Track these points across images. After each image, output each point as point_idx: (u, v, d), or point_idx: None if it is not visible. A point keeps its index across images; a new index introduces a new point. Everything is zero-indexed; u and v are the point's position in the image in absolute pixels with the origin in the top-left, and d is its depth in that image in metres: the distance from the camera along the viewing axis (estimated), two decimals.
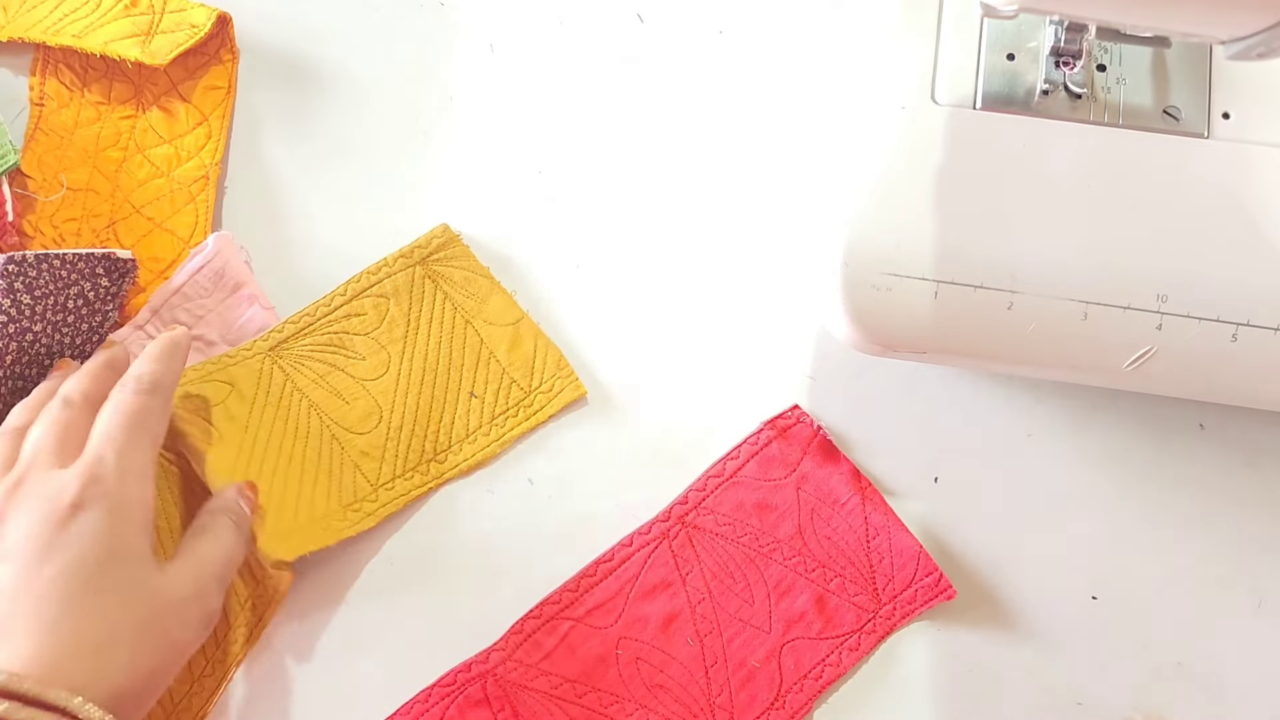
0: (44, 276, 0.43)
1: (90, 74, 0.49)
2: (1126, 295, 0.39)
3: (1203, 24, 0.33)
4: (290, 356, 0.44)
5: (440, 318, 0.45)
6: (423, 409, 0.44)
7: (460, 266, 0.46)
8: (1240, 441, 0.44)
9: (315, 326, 0.44)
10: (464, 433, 0.44)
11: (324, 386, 0.44)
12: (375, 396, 0.44)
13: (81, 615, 0.33)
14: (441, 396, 0.44)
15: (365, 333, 0.44)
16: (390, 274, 0.45)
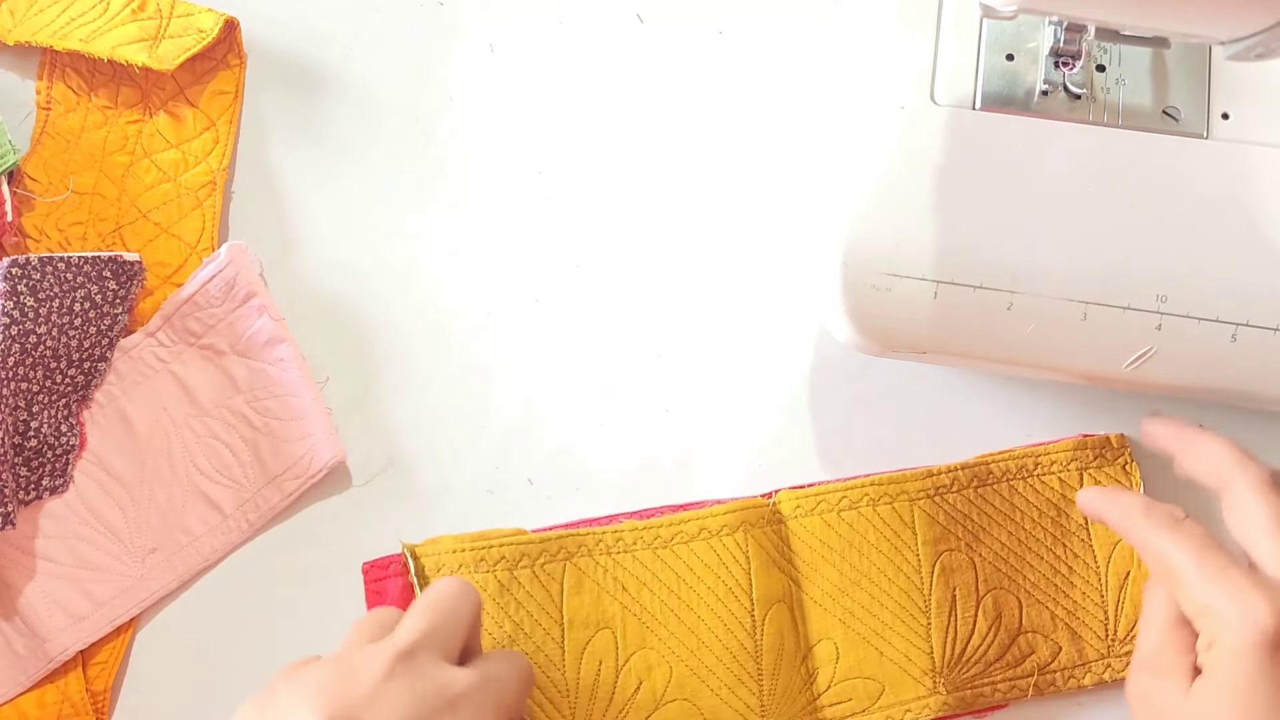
0: (49, 279, 0.43)
1: (97, 78, 0.49)
2: (1126, 295, 0.39)
3: (1202, 25, 0.33)
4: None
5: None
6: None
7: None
8: (1240, 442, 0.43)
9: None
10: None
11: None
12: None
13: None
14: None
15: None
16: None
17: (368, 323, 0.47)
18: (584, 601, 0.40)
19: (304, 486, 0.44)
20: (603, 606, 0.41)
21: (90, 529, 0.44)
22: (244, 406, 0.45)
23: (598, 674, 0.40)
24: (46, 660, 0.43)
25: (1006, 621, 0.41)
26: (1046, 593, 0.41)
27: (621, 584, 0.41)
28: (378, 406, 0.46)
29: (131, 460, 0.45)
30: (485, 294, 0.47)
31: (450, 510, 0.44)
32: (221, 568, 0.44)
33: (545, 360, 0.46)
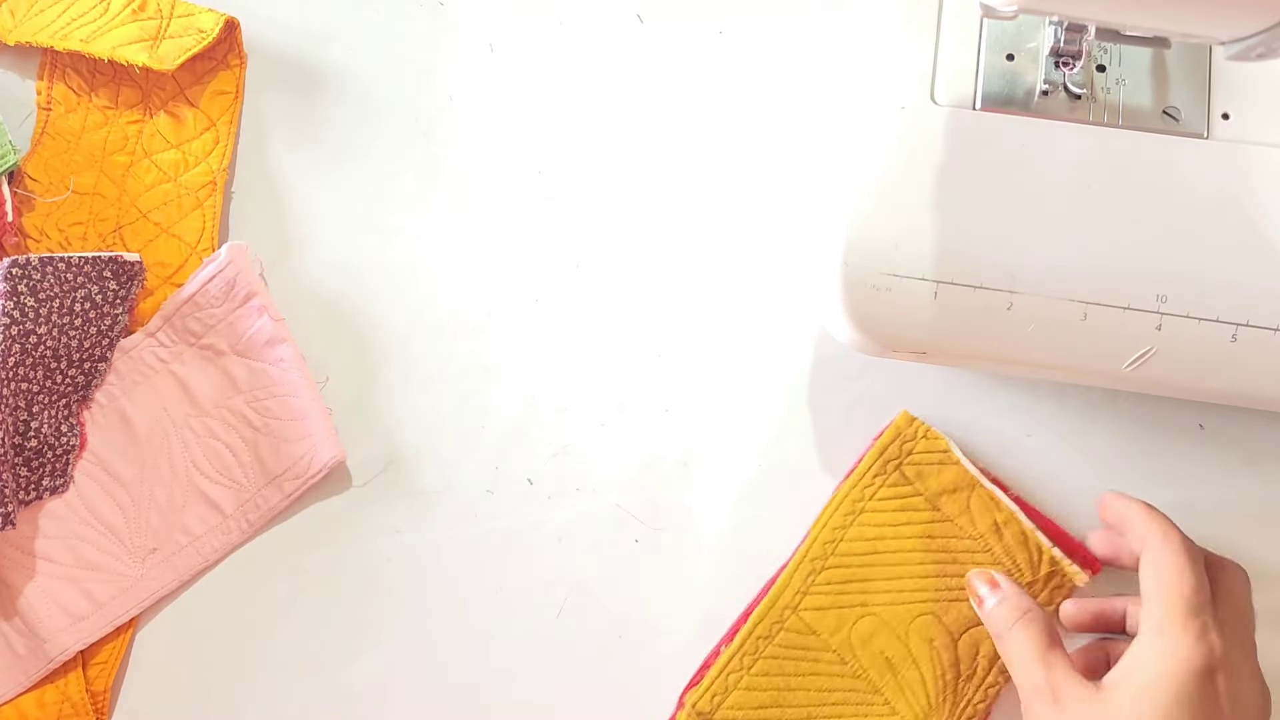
0: (49, 279, 0.43)
1: (98, 78, 0.49)
2: (1126, 295, 0.39)
3: (1202, 25, 0.33)
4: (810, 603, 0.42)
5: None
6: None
7: (930, 460, 0.43)
8: (1240, 442, 0.44)
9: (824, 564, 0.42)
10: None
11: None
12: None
13: None
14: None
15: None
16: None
17: (368, 323, 0.47)
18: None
19: (304, 486, 0.44)
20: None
21: (90, 529, 0.44)
22: (244, 406, 0.45)
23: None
24: (46, 660, 0.43)
25: (943, 641, 0.41)
26: (955, 588, 0.42)
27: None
28: (378, 406, 0.46)
29: (131, 460, 0.45)
30: (485, 294, 0.47)
31: (450, 510, 0.44)
32: (221, 568, 0.44)
33: (545, 360, 0.46)
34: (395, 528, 0.44)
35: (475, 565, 0.44)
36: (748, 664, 0.41)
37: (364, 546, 0.44)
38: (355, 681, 0.43)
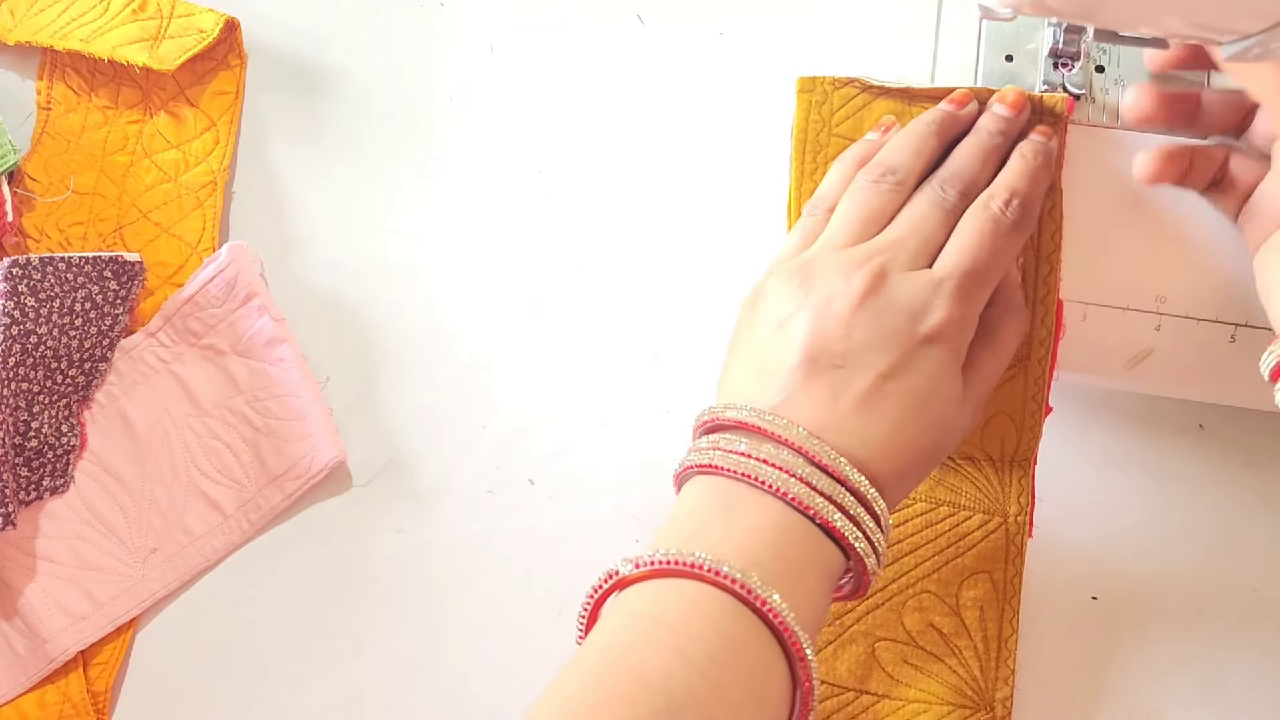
0: (49, 279, 0.43)
1: (98, 78, 0.49)
2: (1125, 296, 0.39)
3: (1200, 27, 0.33)
4: None
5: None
6: None
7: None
8: (1240, 442, 0.44)
9: None
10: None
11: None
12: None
13: (896, 436, 0.33)
14: None
15: None
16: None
17: (368, 323, 0.47)
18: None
19: (305, 486, 0.44)
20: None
21: (91, 529, 0.44)
22: (244, 407, 0.45)
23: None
24: (47, 660, 0.43)
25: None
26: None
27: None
28: (378, 406, 0.46)
29: (132, 460, 0.45)
30: (485, 294, 0.47)
31: (450, 510, 0.44)
32: (222, 568, 0.44)
33: (545, 360, 0.46)
34: (395, 528, 0.44)
35: (475, 565, 0.44)
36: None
37: (364, 546, 0.44)
38: (355, 681, 0.43)
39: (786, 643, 0.29)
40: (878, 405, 0.32)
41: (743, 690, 0.28)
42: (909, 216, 0.35)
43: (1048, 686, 0.42)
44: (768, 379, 0.33)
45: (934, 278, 0.34)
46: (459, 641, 0.43)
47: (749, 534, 0.31)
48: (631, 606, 0.30)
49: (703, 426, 0.34)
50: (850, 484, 0.32)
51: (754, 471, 0.31)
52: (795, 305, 0.34)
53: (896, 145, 0.37)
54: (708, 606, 0.29)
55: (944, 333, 0.33)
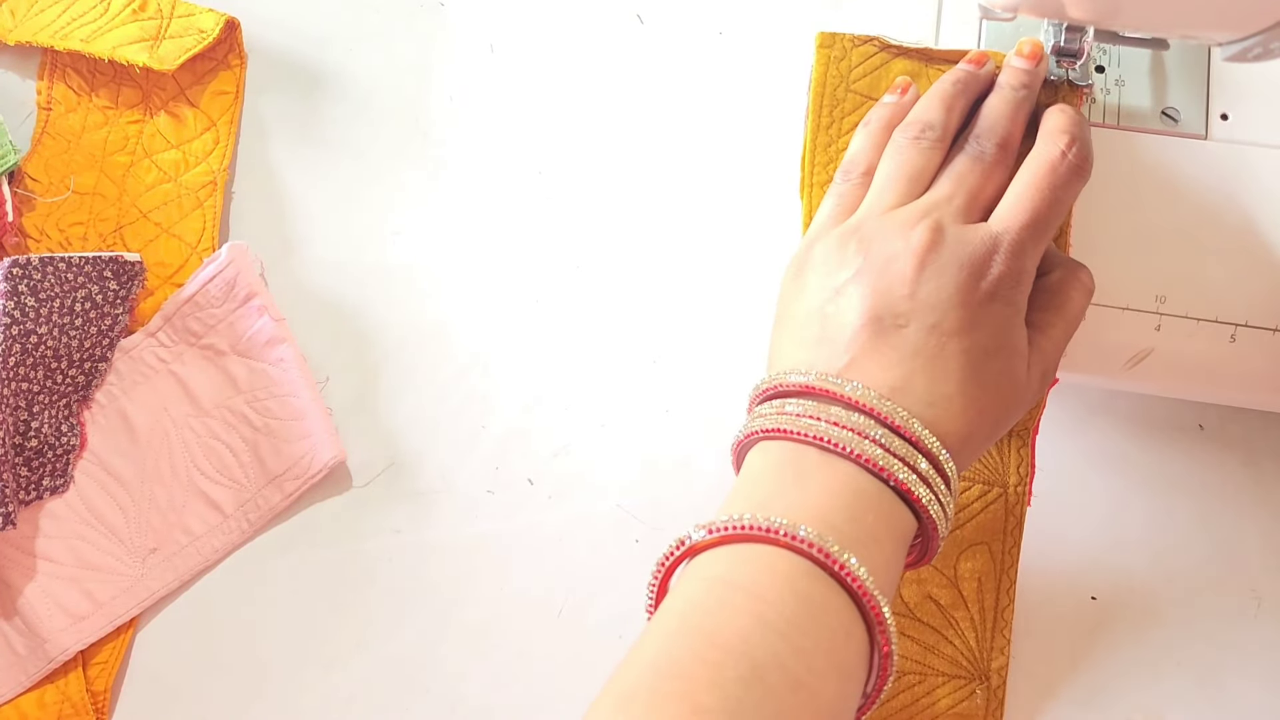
0: (49, 279, 0.43)
1: (98, 78, 0.49)
2: (1125, 296, 0.39)
3: (1199, 26, 0.33)
4: None
5: None
6: None
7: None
8: (1239, 442, 0.44)
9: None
10: None
11: None
12: None
13: (964, 396, 0.32)
14: None
15: None
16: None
17: (368, 323, 0.47)
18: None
19: (304, 486, 0.44)
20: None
21: (90, 529, 0.44)
22: (244, 406, 0.45)
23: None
24: (47, 660, 0.43)
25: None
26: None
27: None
28: (378, 406, 0.46)
29: (132, 460, 0.45)
30: (485, 294, 0.47)
31: (450, 510, 0.44)
32: (221, 568, 0.44)
33: (545, 360, 0.46)
34: (395, 528, 0.44)
35: (475, 565, 0.44)
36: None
37: (364, 546, 0.44)
38: (355, 681, 0.43)
39: (865, 607, 0.29)
40: (944, 364, 0.32)
41: (824, 655, 0.28)
42: (952, 172, 0.35)
43: (1048, 686, 0.42)
44: (829, 345, 0.33)
45: (992, 231, 0.33)
46: (459, 641, 0.43)
47: (822, 498, 0.30)
48: (706, 572, 0.30)
49: (762, 395, 0.34)
50: (923, 446, 0.31)
51: (826, 434, 0.31)
52: (853, 269, 0.33)
53: (929, 103, 0.36)
54: (785, 571, 0.29)
55: (1006, 287, 0.33)
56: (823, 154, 0.40)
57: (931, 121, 0.36)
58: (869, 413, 0.31)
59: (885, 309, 0.32)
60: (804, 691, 0.27)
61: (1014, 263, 0.33)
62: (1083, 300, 0.36)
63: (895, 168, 0.35)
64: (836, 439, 0.31)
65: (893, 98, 0.38)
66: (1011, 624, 0.39)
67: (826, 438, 0.31)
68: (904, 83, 0.38)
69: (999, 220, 0.34)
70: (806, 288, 0.34)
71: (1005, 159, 0.35)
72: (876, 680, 0.30)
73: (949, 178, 0.35)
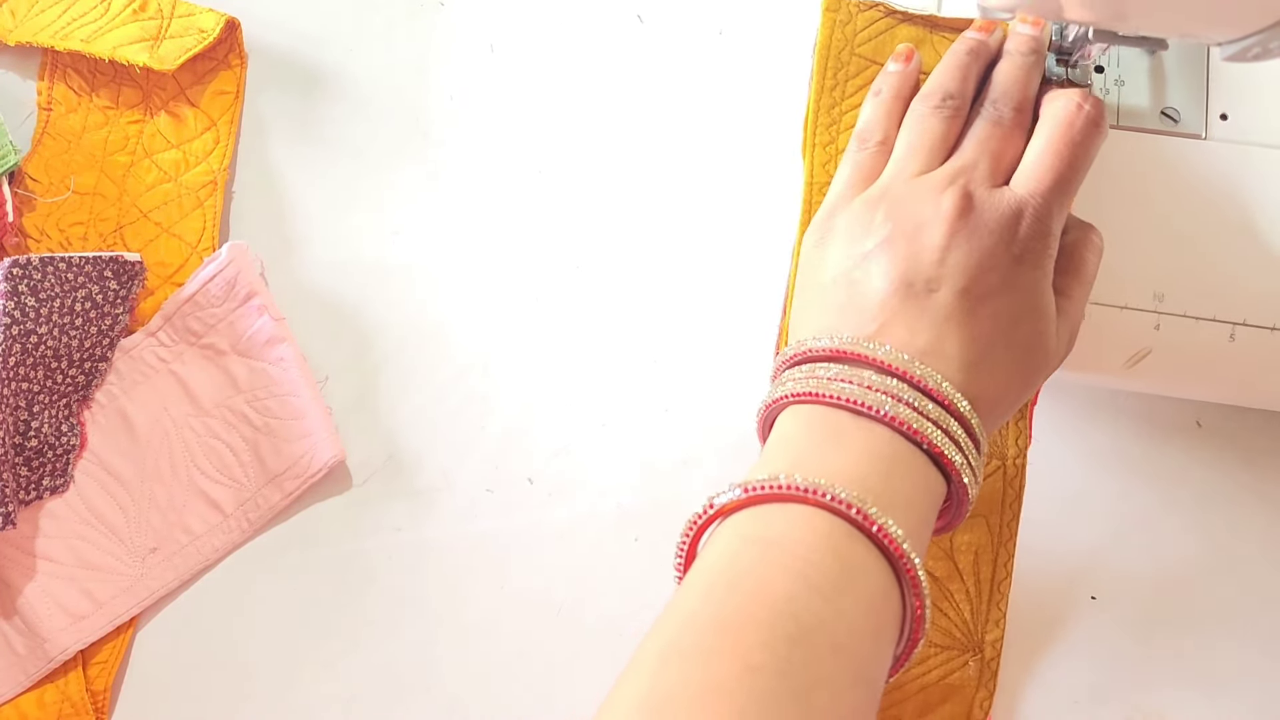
0: (49, 279, 0.43)
1: (98, 78, 0.49)
2: (1124, 295, 0.39)
3: (1199, 26, 0.33)
4: None
5: None
6: None
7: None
8: (1238, 440, 0.44)
9: None
10: None
11: None
12: None
13: (994, 360, 0.32)
14: None
15: None
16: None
17: (368, 323, 0.47)
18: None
19: (304, 486, 0.44)
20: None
21: (90, 529, 0.44)
22: (244, 406, 0.45)
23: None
24: (46, 660, 0.43)
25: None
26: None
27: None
28: (378, 406, 0.46)
29: (132, 460, 0.45)
30: (485, 294, 0.47)
31: (450, 510, 0.44)
32: (221, 567, 0.44)
33: (545, 360, 0.46)
34: (395, 527, 0.44)
35: (475, 565, 0.44)
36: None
37: (364, 546, 0.44)
38: (354, 680, 0.43)
39: (900, 568, 0.29)
40: (975, 329, 0.32)
41: (863, 615, 0.28)
42: (974, 138, 0.35)
43: (1048, 686, 0.42)
44: (857, 311, 0.33)
45: (1019, 195, 0.33)
46: (458, 640, 0.43)
47: (857, 460, 0.30)
48: (744, 530, 0.30)
49: (789, 360, 0.34)
50: (955, 409, 0.31)
51: (859, 397, 0.31)
52: (881, 235, 0.33)
53: (946, 72, 0.37)
54: (825, 531, 0.29)
55: (1034, 250, 0.33)
56: (826, 116, 0.40)
57: (951, 90, 0.36)
58: (901, 376, 0.31)
59: (916, 274, 0.32)
60: (844, 654, 0.27)
61: (1041, 225, 0.33)
62: (1096, 261, 0.36)
63: (917, 136, 0.36)
64: (870, 402, 0.31)
65: (897, 65, 0.38)
66: (1008, 596, 0.39)
67: (860, 400, 0.31)
68: (907, 49, 0.39)
69: (1023, 184, 0.34)
70: (829, 256, 0.34)
71: (1022, 122, 0.35)
72: (907, 644, 0.30)
73: (971, 143, 0.35)
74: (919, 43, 0.40)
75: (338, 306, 0.47)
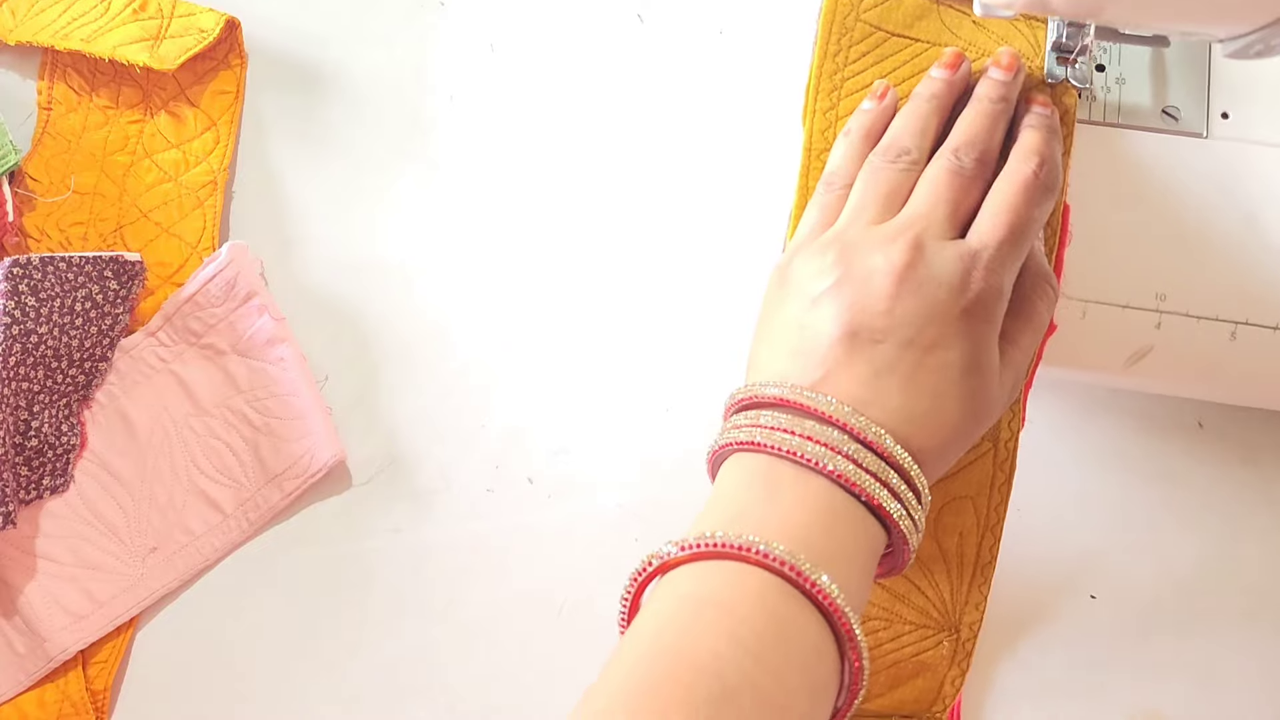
0: (50, 279, 0.43)
1: (98, 78, 0.49)
2: (1125, 293, 0.39)
3: (1200, 23, 0.33)
4: None
5: None
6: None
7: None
8: (1239, 440, 0.44)
9: None
10: None
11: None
12: None
13: (939, 412, 0.32)
14: None
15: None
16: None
17: (368, 323, 0.47)
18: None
19: (304, 486, 0.44)
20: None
21: (91, 528, 0.44)
22: (244, 406, 0.45)
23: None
24: (47, 659, 0.43)
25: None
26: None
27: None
28: (378, 406, 0.46)
29: (132, 460, 0.45)
30: (485, 294, 0.47)
31: (450, 510, 0.44)
32: (221, 567, 0.44)
33: (545, 359, 0.46)
34: (395, 527, 0.44)
35: (475, 565, 0.44)
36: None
37: (363, 546, 0.44)
38: (354, 680, 0.43)
39: (836, 623, 0.29)
40: (919, 380, 0.32)
41: (796, 672, 0.28)
42: (930, 187, 0.35)
43: (1048, 686, 0.42)
44: (804, 357, 0.33)
45: (970, 248, 0.33)
46: (458, 640, 0.43)
47: (794, 512, 0.30)
48: (679, 589, 0.30)
49: (736, 405, 0.34)
50: (895, 461, 0.31)
51: (798, 448, 0.31)
52: (831, 280, 0.33)
53: (903, 125, 0.37)
54: (757, 588, 0.29)
55: (984, 304, 0.33)
56: (828, 82, 0.39)
57: (907, 146, 0.36)
58: (841, 427, 0.31)
59: (861, 324, 0.32)
60: (775, 710, 0.27)
61: (993, 279, 0.33)
62: (1049, 310, 0.36)
63: (870, 188, 0.36)
64: (809, 454, 0.31)
65: (871, 104, 0.38)
66: (991, 580, 0.38)
67: (799, 452, 0.31)
68: (883, 87, 0.38)
69: (977, 237, 0.34)
70: (787, 297, 0.35)
71: (983, 172, 0.35)
72: (847, 695, 0.30)
73: (929, 191, 0.35)
74: (923, 14, 0.39)
75: (338, 306, 0.47)
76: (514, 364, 0.46)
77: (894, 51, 0.40)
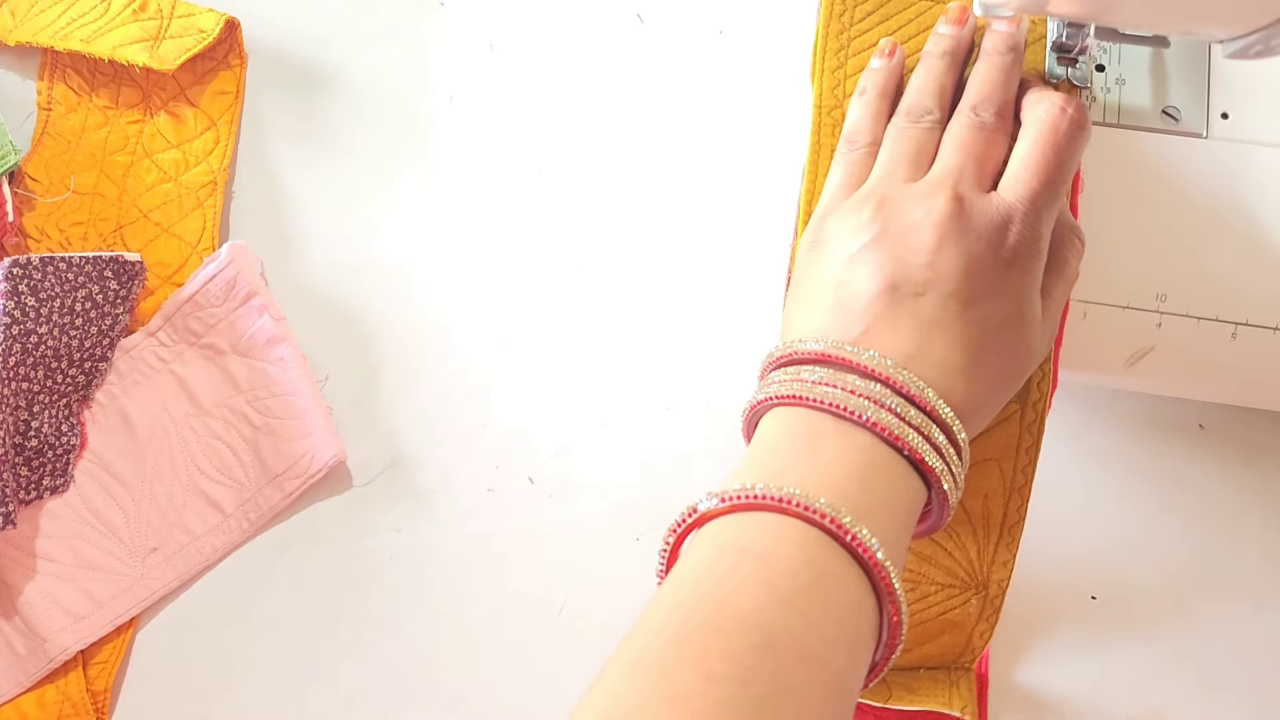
0: (50, 279, 0.43)
1: (98, 78, 0.49)
2: (1126, 294, 0.39)
3: (1201, 23, 0.33)
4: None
5: None
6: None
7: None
8: (1240, 441, 0.44)
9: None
10: None
11: None
12: None
13: (979, 366, 0.32)
14: None
15: None
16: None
17: (368, 323, 0.47)
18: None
19: (304, 486, 0.44)
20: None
21: (91, 529, 0.44)
22: (244, 406, 0.45)
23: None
24: (47, 660, 0.43)
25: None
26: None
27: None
28: (378, 406, 0.46)
29: (132, 460, 0.45)
30: (485, 294, 0.47)
31: (450, 510, 0.44)
32: (222, 567, 0.44)
33: (545, 360, 0.46)
34: (395, 527, 0.44)
35: (475, 565, 0.44)
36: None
37: (364, 546, 0.44)
38: (355, 681, 0.43)
39: (875, 577, 0.29)
40: (961, 334, 0.32)
41: (834, 625, 0.28)
42: (957, 144, 0.35)
43: (1048, 686, 0.42)
44: (844, 312, 0.33)
45: (1008, 201, 0.33)
46: (458, 640, 0.43)
47: (836, 466, 0.30)
48: (718, 539, 0.30)
49: (774, 363, 0.34)
50: (938, 415, 0.31)
51: (841, 402, 0.31)
52: (869, 236, 0.33)
53: (921, 84, 0.37)
54: (798, 540, 0.29)
55: (1023, 256, 0.33)
56: (834, 41, 0.39)
57: (929, 106, 0.36)
58: (884, 381, 0.31)
59: (902, 277, 0.32)
60: (814, 662, 0.27)
61: (1031, 231, 0.33)
62: (1077, 260, 0.36)
63: (899, 148, 0.36)
64: (852, 407, 0.31)
65: (880, 61, 0.38)
66: (1019, 540, 0.38)
67: (842, 405, 0.31)
68: (890, 44, 0.38)
69: (1011, 189, 0.34)
70: (822, 257, 0.35)
71: (1004, 125, 0.35)
72: (885, 650, 0.30)
73: (955, 149, 0.35)
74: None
75: (338, 306, 0.47)
76: (514, 364, 0.46)
77: (899, 10, 0.40)
